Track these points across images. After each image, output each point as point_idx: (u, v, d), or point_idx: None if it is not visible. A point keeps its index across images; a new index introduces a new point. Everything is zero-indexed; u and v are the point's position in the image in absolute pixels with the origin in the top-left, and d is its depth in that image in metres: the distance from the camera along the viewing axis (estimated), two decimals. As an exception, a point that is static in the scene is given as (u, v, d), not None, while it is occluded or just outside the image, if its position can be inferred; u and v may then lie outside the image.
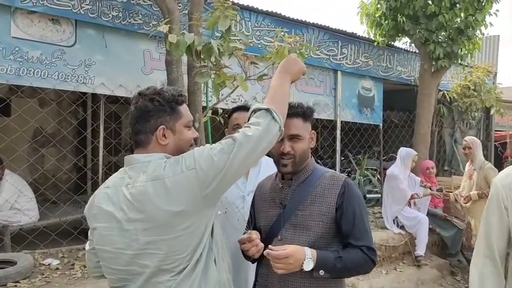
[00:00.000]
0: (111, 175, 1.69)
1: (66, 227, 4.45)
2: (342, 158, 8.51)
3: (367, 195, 7.94)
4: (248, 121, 1.64)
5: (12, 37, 4.30)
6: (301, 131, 1.88)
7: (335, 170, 7.42)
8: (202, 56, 3.73)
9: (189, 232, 1.50)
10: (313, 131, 1.97)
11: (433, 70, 7.31)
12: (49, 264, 3.84)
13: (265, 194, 2.02)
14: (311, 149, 1.97)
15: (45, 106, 6.26)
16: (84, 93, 6.77)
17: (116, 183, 1.60)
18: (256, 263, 2.00)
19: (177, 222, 1.48)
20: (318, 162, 2.10)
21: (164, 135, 1.60)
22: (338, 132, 7.34)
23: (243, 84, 3.78)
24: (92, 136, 7.56)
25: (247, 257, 1.90)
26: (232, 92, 4.16)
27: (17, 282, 3.35)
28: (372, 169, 8.64)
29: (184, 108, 1.67)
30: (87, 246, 1.75)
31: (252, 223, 2.03)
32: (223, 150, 1.52)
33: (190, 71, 4.22)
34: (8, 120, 5.29)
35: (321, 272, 1.72)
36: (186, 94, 4.34)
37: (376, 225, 6.20)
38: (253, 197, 2.10)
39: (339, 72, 7.29)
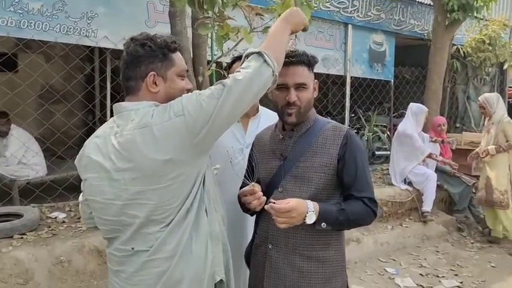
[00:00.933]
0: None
1: (73, 182, 4.48)
2: (352, 115, 8.41)
3: (376, 152, 7.89)
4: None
5: (12, -13, 4.18)
6: (307, 79, 1.82)
7: (344, 126, 7.35)
8: (205, 7, 3.61)
9: (179, 182, 1.47)
10: (316, 80, 1.90)
11: (447, 23, 7.03)
12: (55, 218, 3.88)
13: (264, 146, 1.98)
14: (314, 99, 1.91)
15: (52, 61, 6.19)
16: (90, 48, 6.71)
17: (105, 132, 1.57)
18: (255, 215, 1.98)
19: (166, 172, 1.45)
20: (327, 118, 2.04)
21: (155, 83, 1.56)
22: (348, 88, 7.19)
23: (248, 36, 3.66)
24: (99, 91, 7.50)
25: (246, 209, 1.88)
26: (236, 45, 4.04)
27: (24, 234, 3.40)
28: (382, 126, 8.54)
29: (177, 56, 1.61)
30: (80, 197, 1.73)
31: (255, 175, 1.99)
32: (213, 95, 1.46)
33: (195, 24, 4.09)
34: (11, 74, 5.25)
35: (323, 225, 1.70)
36: (191, 47, 4.27)
37: (384, 182, 6.17)
38: (252, 149, 2.05)
39: (350, 26, 7.05)
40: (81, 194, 1.70)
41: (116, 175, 1.48)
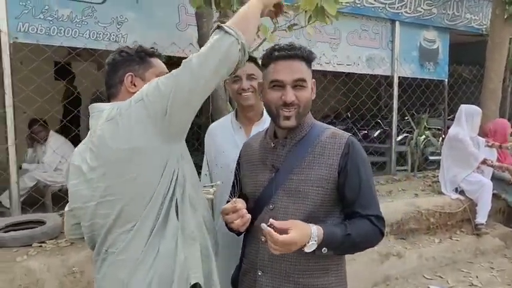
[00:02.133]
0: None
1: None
2: (401, 118, 7.92)
3: (430, 157, 7.36)
4: None
5: (42, -5, 4.21)
6: (306, 76, 1.57)
7: (391, 130, 6.92)
8: (221, 5, 3.44)
9: (146, 172, 1.43)
10: (313, 79, 1.64)
11: (505, 16, 6.40)
12: (79, 225, 3.84)
13: (253, 155, 1.74)
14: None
15: (102, 69, 6.28)
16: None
17: (87, 137, 1.58)
18: (242, 235, 1.75)
19: (131, 161, 1.42)
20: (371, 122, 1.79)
21: (133, 83, 1.59)
22: (395, 88, 6.76)
23: (269, 35, 3.45)
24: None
25: (230, 228, 1.65)
26: (260, 45, 3.84)
27: (43, 242, 3.37)
28: (436, 129, 7.97)
29: (156, 60, 1.66)
30: (66, 207, 1.69)
31: (237, 189, 1.76)
32: (171, 74, 1.44)
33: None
34: (63, 83, 5.34)
35: (324, 250, 1.47)
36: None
37: (433, 190, 5.69)
38: (238, 158, 1.82)
39: (397, 23, 6.63)
40: (67, 204, 1.67)
41: (89, 175, 1.49)
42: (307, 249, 1.43)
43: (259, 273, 1.62)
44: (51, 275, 3.00)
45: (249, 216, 1.56)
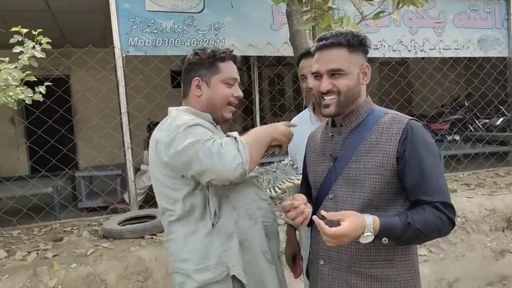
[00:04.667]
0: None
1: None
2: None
3: None
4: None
5: (147, 11, 4.61)
6: (345, 64, 1.53)
7: (506, 119, 6.27)
8: (303, 0, 3.45)
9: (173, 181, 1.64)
10: (366, 63, 1.60)
11: None
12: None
13: (315, 145, 1.76)
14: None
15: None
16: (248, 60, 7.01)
17: None
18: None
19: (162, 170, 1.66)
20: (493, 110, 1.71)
21: (199, 87, 1.74)
22: (514, 71, 6.14)
23: (353, 25, 3.39)
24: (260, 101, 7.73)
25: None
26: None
27: (154, 235, 3.70)
28: None
29: (226, 65, 1.75)
30: None
31: (303, 181, 1.79)
32: (190, 144, 1.55)
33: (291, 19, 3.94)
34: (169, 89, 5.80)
35: (384, 240, 1.41)
36: (310, 44, 4.12)
37: None
38: (305, 149, 1.85)
39: (514, -1, 6.03)
40: None
41: None
42: (362, 241, 1.38)
43: (321, 263, 1.63)
44: (158, 264, 3.29)
45: (309, 210, 1.55)
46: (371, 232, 1.38)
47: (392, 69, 5.81)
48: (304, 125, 2.36)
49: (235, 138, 1.58)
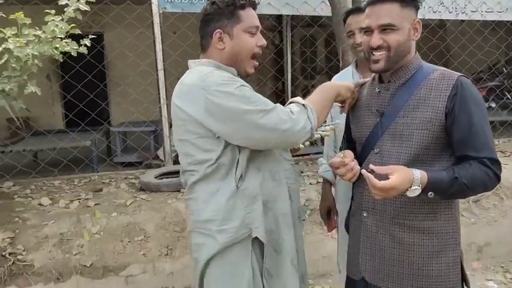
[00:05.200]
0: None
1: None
2: None
3: None
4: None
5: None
6: (396, 19, 1.53)
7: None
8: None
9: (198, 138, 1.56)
10: (417, 19, 1.59)
11: None
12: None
13: (360, 101, 1.77)
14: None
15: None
16: (272, 17, 6.93)
17: None
18: None
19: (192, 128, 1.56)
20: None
21: (222, 40, 1.61)
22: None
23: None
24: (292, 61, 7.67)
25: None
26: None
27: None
28: None
29: (246, 13, 1.61)
30: None
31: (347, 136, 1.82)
32: (241, 111, 1.48)
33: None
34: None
35: (430, 194, 1.45)
36: (349, 3, 4.04)
37: None
38: None
39: None
40: None
41: None
42: (409, 194, 1.42)
43: (364, 215, 1.67)
44: (194, 215, 3.41)
45: (358, 168, 1.59)
46: (418, 186, 1.41)
47: (431, 31, 5.66)
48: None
49: (303, 105, 1.57)
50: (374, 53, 1.57)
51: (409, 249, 1.59)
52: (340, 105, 1.78)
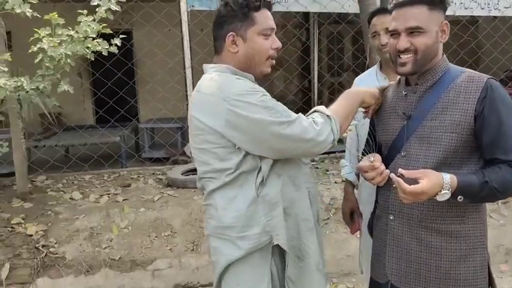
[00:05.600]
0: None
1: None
2: None
3: None
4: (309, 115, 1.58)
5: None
6: (424, 22, 1.51)
7: None
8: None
9: (216, 148, 1.52)
10: (445, 21, 1.57)
11: None
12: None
13: (386, 104, 1.75)
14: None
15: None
16: (299, 14, 6.92)
17: None
18: None
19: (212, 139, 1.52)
20: None
21: (235, 43, 1.57)
22: None
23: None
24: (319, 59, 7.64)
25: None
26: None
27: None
28: None
29: (260, 15, 1.57)
30: None
31: (374, 140, 1.80)
32: (262, 121, 1.44)
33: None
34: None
35: (460, 198, 1.44)
36: (378, 1, 4.01)
37: None
38: None
39: None
40: None
41: None
42: (439, 198, 1.40)
43: (391, 218, 1.66)
44: (220, 212, 3.46)
45: (387, 172, 1.57)
46: (448, 190, 1.40)
47: (462, 28, 5.54)
48: (371, 83, 2.34)
49: (327, 116, 1.54)
50: (401, 56, 1.55)
51: (436, 253, 1.57)
52: (364, 110, 1.77)
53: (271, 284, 1.57)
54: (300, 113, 1.54)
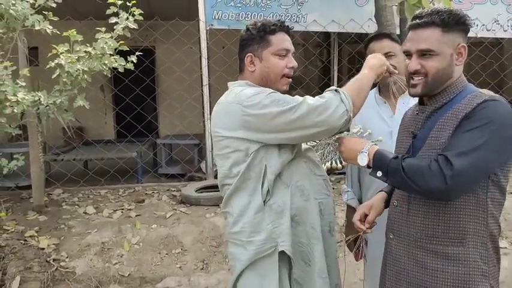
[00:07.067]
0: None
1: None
2: None
3: None
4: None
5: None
6: (436, 44, 1.48)
7: None
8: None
9: (229, 152, 1.68)
10: (463, 44, 1.53)
11: None
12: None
13: (404, 123, 1.76)
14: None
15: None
16: (318, 33, 6.94)
17: None
18: None
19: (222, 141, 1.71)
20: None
21: (253, 62, 1.75)
22: None
23: (445, 2, 3.22)
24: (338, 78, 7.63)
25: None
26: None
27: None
28: None
29: (276, 37, 1.74)
30: None
31: None
32: (271, 114, 1.60)
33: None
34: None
35: (379, 173, 1.53)
36: (397, 21, 3.98)
37: None
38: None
39: None
40: None
41: None
42: (359, 161, 1.57)
43: (391, 236, 1.65)
44: (232, 231, 3.42)
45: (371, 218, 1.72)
46: (366, 151, 1.56)
47: (484, 50, 5.46)
48: (369, 106, 2.28)
49: (335, 90, 1.66)
50: (413, 77, 1.55)
51: (432, 275, 1.51)
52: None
53: None
54: (307, 95, 1.68)
